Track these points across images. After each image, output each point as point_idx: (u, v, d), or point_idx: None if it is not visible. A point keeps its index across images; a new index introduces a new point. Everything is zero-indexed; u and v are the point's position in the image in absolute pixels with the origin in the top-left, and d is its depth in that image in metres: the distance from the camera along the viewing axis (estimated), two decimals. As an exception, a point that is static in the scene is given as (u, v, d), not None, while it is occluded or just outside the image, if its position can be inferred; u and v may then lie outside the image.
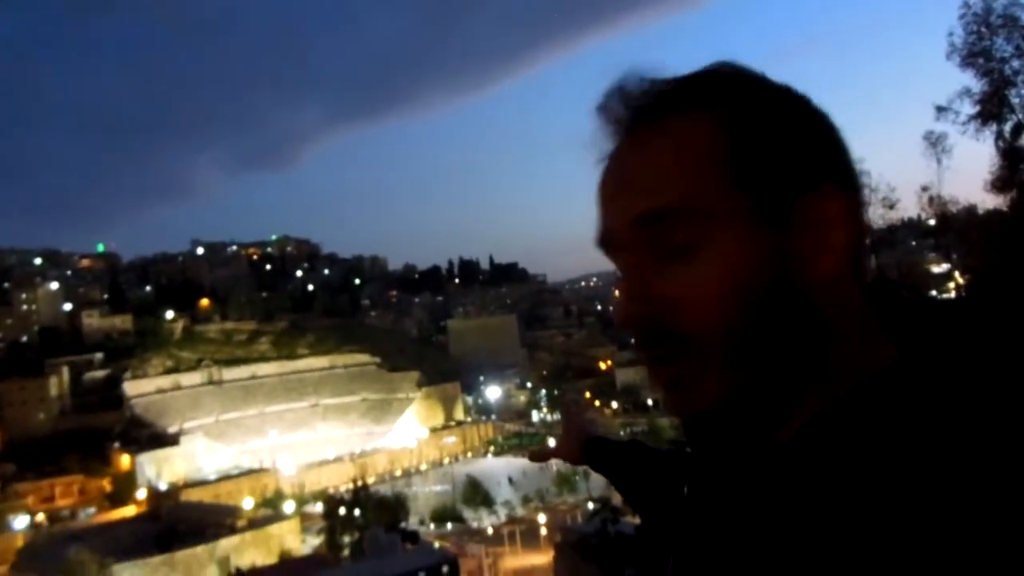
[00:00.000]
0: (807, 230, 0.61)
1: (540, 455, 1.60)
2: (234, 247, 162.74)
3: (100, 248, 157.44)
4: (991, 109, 13.73)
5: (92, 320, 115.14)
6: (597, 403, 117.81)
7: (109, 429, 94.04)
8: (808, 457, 0.59)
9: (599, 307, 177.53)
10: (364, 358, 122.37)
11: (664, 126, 0.64)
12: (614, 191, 0.65)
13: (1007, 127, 13.71)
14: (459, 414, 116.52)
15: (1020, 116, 13.67)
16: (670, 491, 1.08)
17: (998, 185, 13.86)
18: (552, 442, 1.57)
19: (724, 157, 0.62)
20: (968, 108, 13.87)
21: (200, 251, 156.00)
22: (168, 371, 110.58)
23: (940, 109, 14.01)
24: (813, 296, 0.61)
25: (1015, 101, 13.69)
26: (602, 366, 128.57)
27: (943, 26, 14.05)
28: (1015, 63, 13.47)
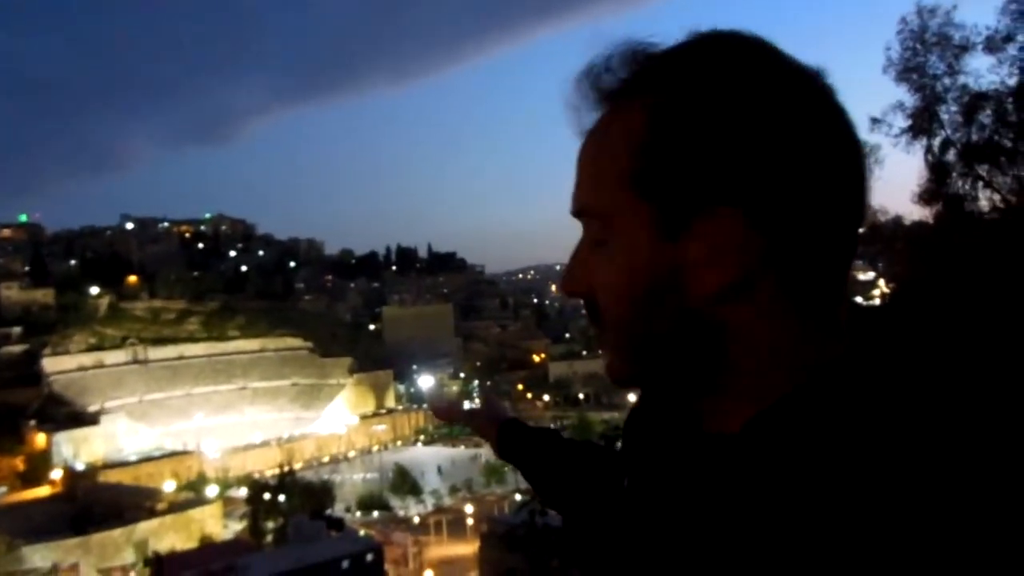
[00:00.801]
0: (698, 248, 0.62)
1: (446, 412, 1.55)
2: (166, 223, 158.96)
3: (22, 218, 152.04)
4: (922, 124, 14.15)
5: (11, 293, 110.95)
6: (529, 395, 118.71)
7: (25, 406, 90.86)
8: (757, 449, 0.61)
9: (535, 300, 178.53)
10: (296, 342, 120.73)
11: (609, 116, 0.67)
12: (574, 184, 0.70)
13: (936, 142, 14.15)
14: (390, 402, 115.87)
15: (948, 132, 14.13)
16: (596, 484, 1.11)
17: (925, 197, 14.30)
18: (468, 405, 1.56)
19: (632, 166, 0.64)
20: (901, 121, 14.27)
21: (130, 226, 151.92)
22: (91, 348, 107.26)
23: (875, 121, 14.35)
24: (700, 305, 0.64)
25: (944, 117, 14.13)
26: (536, 359, 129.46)
27: (882, 40, 14.42)
28: (946, 80, 13.90)
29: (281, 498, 60.77)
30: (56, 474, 78.32)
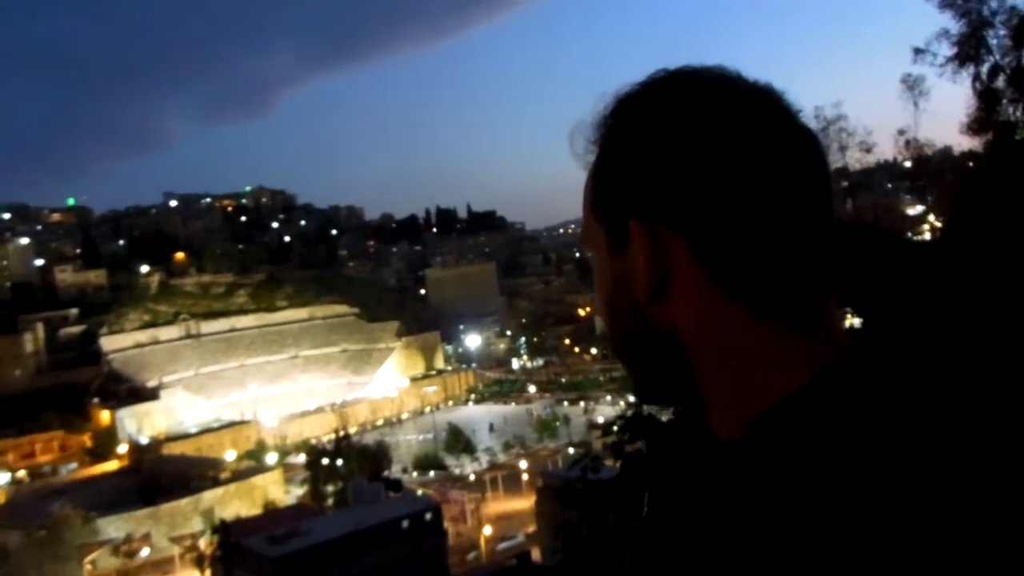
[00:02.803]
0: (631, 257, 0.69)
1: None
2: (208, 199, 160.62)
3: (70, 202, 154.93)
4: (968, 51, 13.64)
5: (65, 275, 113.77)
6: (577, 349, 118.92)
7: (87, 385, 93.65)
8: (753, 455, 0.62)
9: (577, 254, 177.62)
10: (343, 309, 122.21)
11: (600, 154, 0.73)
12: None
13: (984, 69, 13.65)
14: (439, 363, 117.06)
15: (997, 57, 13.60)
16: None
17: (974, 127, 13.83)
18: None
19: (594, 196, 0.73)
20: (946, 50, 13.79)
21: (173, 203, 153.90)
22: (145, 326, 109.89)
23: (918, 51, 13.93)
24: (646, 312, 0.69)
25: (992, 42, 13.60)
26: (581, 313, 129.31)
27: (922, -33, 13.84)
28: (993, 3, 13.36)
29: (339, 462, 62.10)
30: (122, 449, 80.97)
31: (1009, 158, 12.97)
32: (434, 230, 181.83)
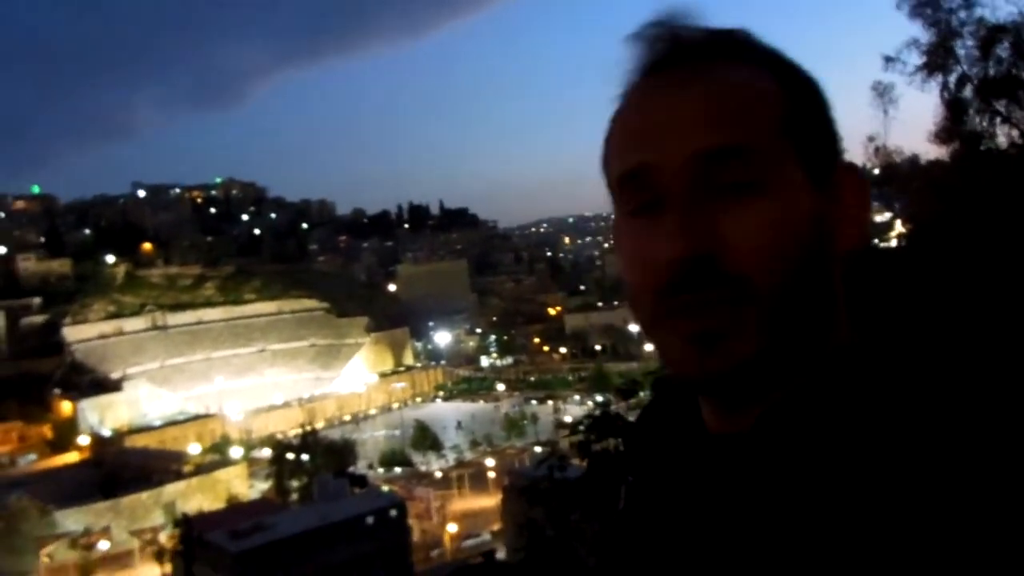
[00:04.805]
0: (842, 202, 0.64)
1: None
2: (177, 190, 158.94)
3: (35, 189, 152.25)
4: (937, 60, 13.81)
5: (28, 264, 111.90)
6: (546, 348, 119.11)
7: (49, 375, 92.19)
8: (768, 449, 0.59)
9: (549, 253, 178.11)
10: (312, 303, 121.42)
11: (717, 69, 0.65)
12: (662, 126, 0.63)
13: (952, 78, 13.83)
14: (408, 359, 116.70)
15: (965, 68, 13.79)
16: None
17: (942, 136, 14.01)
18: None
19: (783, 112, 0.63)
20: (915, 59, 13.94)
21: (142, 193, 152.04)
22: (110, 316, 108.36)
23: (888, 59, 14.06)
24: (834, 267, 0.64)
25: (960, 52, 13.78)
26: (551, 312, 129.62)
27: (892, -24, 14.02)
28: (962, 14, 13.53)
29: (304, 457, 61.66)
30: (83, 440, 79.78)
31: (975, 167, 13.17)
32: (406, 226, 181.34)
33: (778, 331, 0.61)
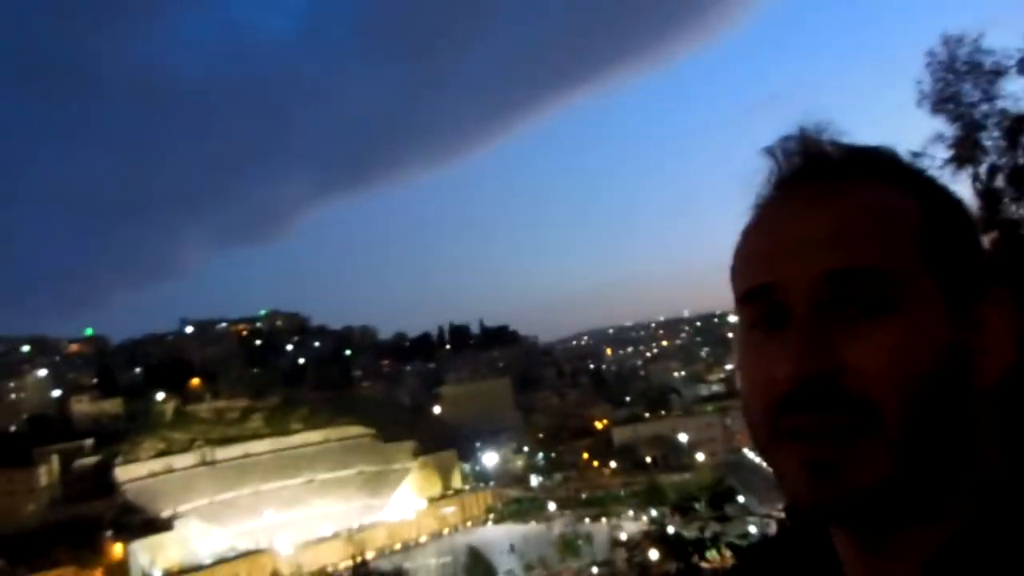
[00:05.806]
0: (983, 330, 0.59)
1: None
2: (223, 324, 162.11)
3: (88, 332, 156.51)
4: (965, 152, 13.95)
5: (82, 406, 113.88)
6: (596, 463, 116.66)
7: (101, 517, 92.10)
8: None
9: (591, 365, 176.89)
10: (358, 430, 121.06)
11: (853, 186, 0.62)
12: (791, 245, 0.60)
13: (982, 169, 13.90)
14: (457, 482, 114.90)
15: (994, 158, 13.89)
16: None
17: (980, 227, 13.99)
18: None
19: (921, 233, 0.60)
20: (943, 152, 14.09)
21: (189, 330, 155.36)
22: (160, 454, 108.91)
23: (916, 155, 14.21)
24: (973, 399, 0.59)
25: (987, 143, 13.91)
26: (598, 425, 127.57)
27: (911, 74, 14.36)
28: (983, 107, 13.74)
29: (356, 590, 60.21)
30: (134, 583, 78.82)
31: (1017, 255, 13.08)
32: (447, 347, 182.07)
33: (904, 462, 0.56)
